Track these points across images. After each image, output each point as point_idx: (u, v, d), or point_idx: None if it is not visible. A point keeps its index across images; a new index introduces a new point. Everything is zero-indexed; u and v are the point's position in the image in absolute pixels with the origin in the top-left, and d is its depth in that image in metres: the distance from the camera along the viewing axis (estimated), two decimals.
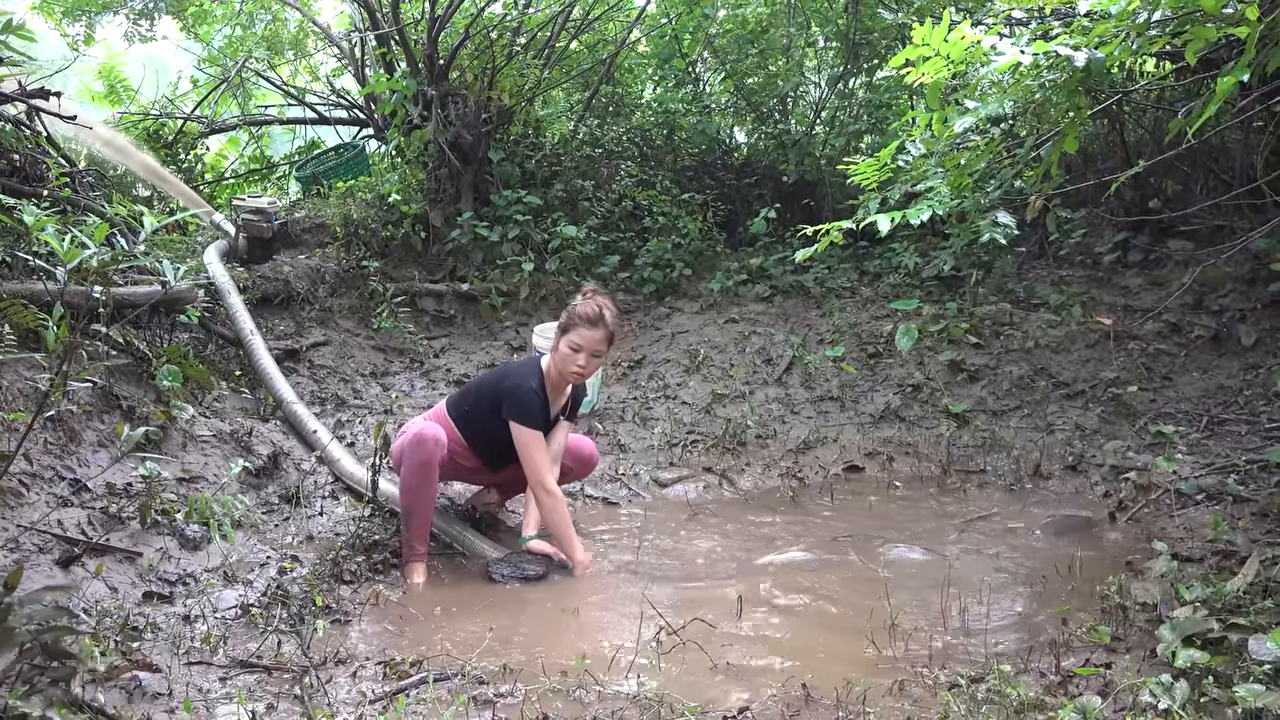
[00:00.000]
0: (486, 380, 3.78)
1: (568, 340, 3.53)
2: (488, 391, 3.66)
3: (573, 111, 7.68)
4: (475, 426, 3.66)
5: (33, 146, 4.95)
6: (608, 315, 3.53)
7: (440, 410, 3.78)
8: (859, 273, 6.31)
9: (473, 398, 3.72)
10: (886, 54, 6.80)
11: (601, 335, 3.52)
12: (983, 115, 3.33)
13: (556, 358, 3.57)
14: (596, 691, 2.62)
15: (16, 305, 3.34)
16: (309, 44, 8.53)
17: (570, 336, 3.53)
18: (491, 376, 3.79)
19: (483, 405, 3.64)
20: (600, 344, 3.53)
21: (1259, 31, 2.50)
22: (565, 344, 3.54)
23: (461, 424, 3.69)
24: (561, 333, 3.57)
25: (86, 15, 7.84)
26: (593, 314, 3.51)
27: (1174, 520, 3.66)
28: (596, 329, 3.51)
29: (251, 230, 5.55)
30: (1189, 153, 4.80)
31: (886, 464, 4.61)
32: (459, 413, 3.71)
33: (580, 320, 3.52)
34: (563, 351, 3.54)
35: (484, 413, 3.62)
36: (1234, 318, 5.02)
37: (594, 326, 3.50)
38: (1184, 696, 2.34)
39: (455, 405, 3.76)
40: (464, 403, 3.74)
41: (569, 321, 3.55)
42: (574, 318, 3.53)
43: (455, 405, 3.76)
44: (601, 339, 3.52)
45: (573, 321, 3.53)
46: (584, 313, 3.52)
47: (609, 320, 3.53)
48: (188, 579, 3.16)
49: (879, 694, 2.59)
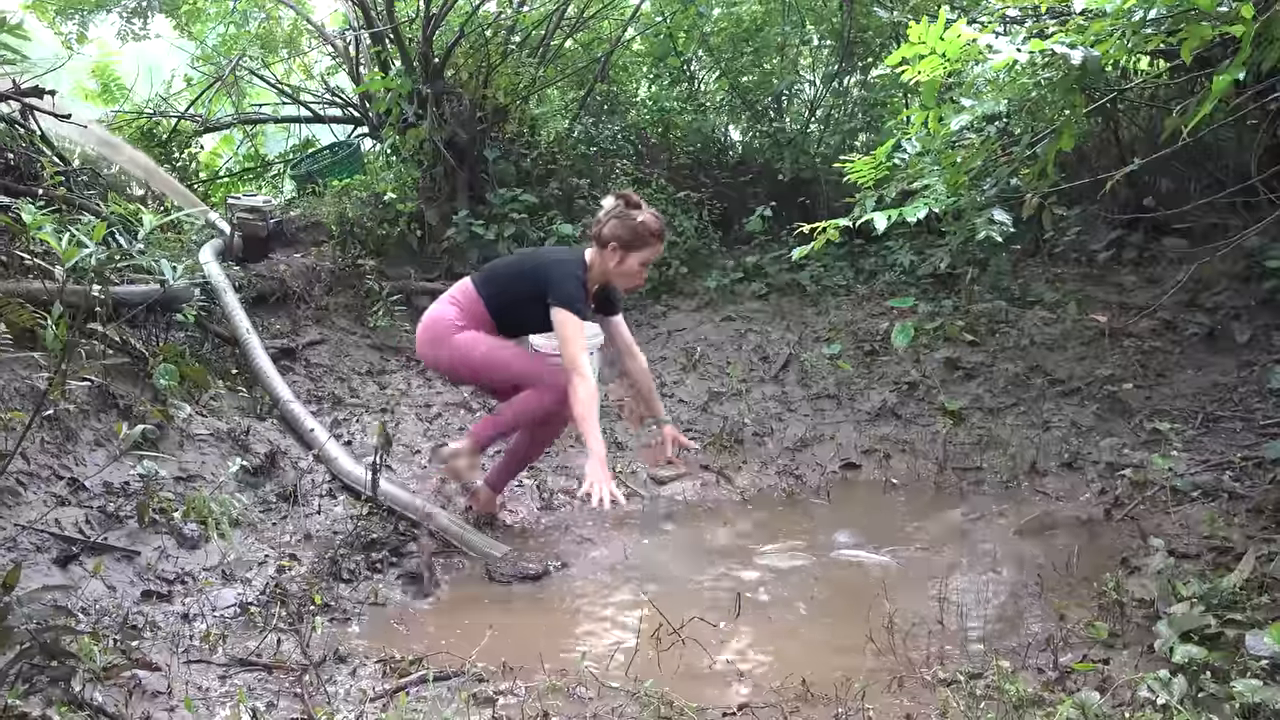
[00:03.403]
0: (526, 263, 3.82)
1: (639, 257, 3.61)
2: (529, 273, 3.69)
3: (568, 110, 7.67)
4: (507, 304, 3.71)
5: (27, 145, 4.94)
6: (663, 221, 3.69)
7: (469, 289, 3.77)
8: (855, 271, 6.31)
9: (510, 278, 3.75)
10: (881, 52, 6.81)
11: (662, 245, 3.68)
12: (979, 113, 3.33)
13: (619, 271, 3.63)
14: (596, 689, 2.62)
15: (13, 304, 3.33)
16: (303, 42, 8.49)
17: (642, 254, 3.61)
18: (532, 260, 3.83)
19: (522, 284, 3.68)
20: (658, 254, 3.70)
21: (1254, 30, 2.51)
22: (636, 260, 3.61)
23: (492, 303, 3.72)
24: (625, 249, 3.59)
25: (80, 14, 7.80)
26: (660, 226, 3.63)
27: (1170, 517, 3.67)
28: (662, 241, 3.66)
29: (247, 229, 5.54)
30: (1184, 151, 4.80)
31: (883, 461, 4.62)
32: (490, 291, 3.73)
33: (652, 236, 3.60)
34: (631, 268, 3.62)
35: (523, 293, 3.66)
36: (1228, 315, 5.04)
37: (662, 239, 3.64)
38: (1182, 692, 2.36)
39: (487, 284, 3.77)
40: (498, 282, 3.76)
41: (637, 238, 3.58)
42: (645, 234, 3.59)
43: (487, 284, 3.77)
44: (660, 250, 3.69)
45: (643, 238, 3.58)
46: (654, 228, 3.60)
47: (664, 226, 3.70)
48: (186, 577, 3.15)
49: (878, 690, 2.60)
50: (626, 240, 3.59)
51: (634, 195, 3.66)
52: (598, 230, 3.66)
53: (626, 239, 3.58)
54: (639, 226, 3.57)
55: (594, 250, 3.69)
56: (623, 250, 3.60)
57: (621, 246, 3.60)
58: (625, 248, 3.59)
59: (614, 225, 3.60)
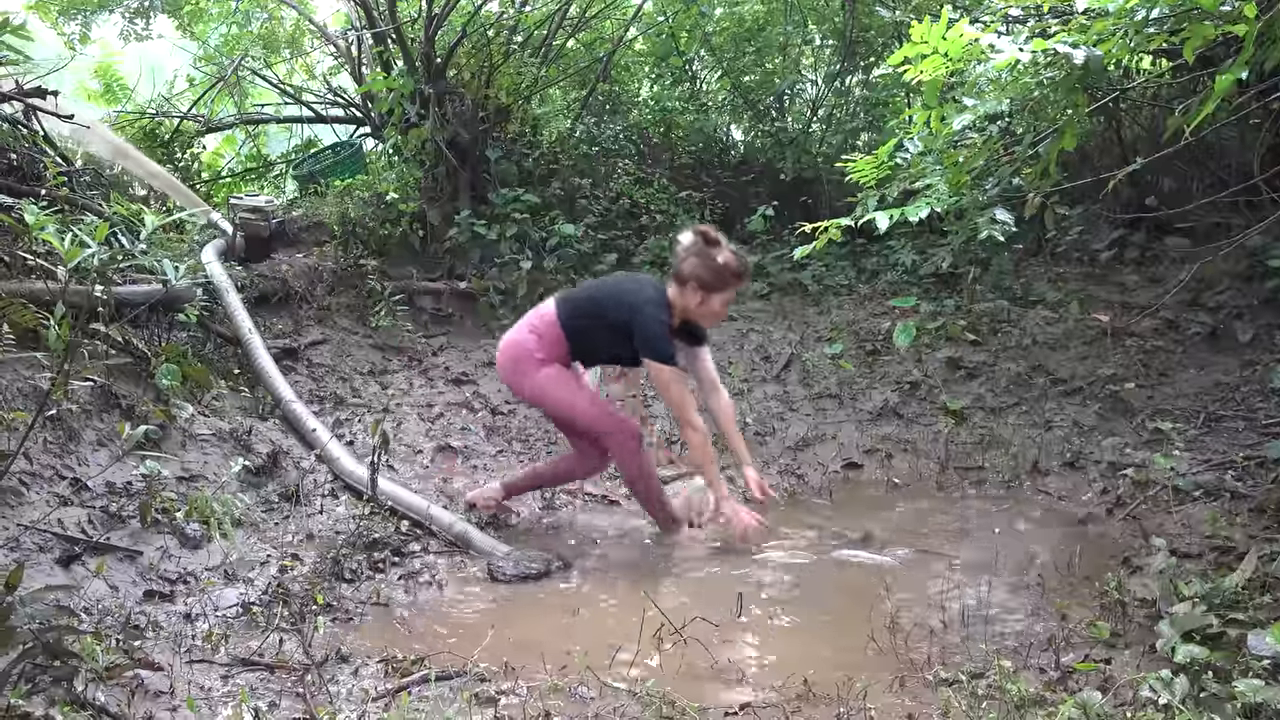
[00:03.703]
0: (611, 294, 3.76)
1: (722, 298, 3.57)
2: (613, 305, 3.67)
3: (570, 110, 7.68)
4: (584, 329, 3.71)
5: (30, 146, 4.94)
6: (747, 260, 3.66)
7: (548, 313, 3.76)
8: (857, 270, 6.31)
9: (592, 305, 3.74)
10: (883, 51, 6.81)
11: (745, 283, 3.72)
12: (981, 113, 3.34)
13: (701, 311, 3.60)
14: (598, 689, 2.62)
15: (16, 305, 3.33)
16: (305, 42, 8.51)
17: (724, 294, 3.57)
18: (618, 293, 3.73)
19: (604, 314, 3.68)
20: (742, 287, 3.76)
21: (1257, 29, 2.50)
22: (720, 301, 3.57)
23: (569, 326, 3.71)
24: (707, 290, 3.54)
25: (82, 14, 7.81)
26: (742, 266, 3.59)
27: (1172, 516, 3.67)
28: (745, 280, 3.66)
29: (249, 229, 5.55)
30: (1186, 150, 4.80)
31: (885, 461, 4.62)
32: (569, 314, 3.73)
33: (734, 278, 3.57)
34: (713, 308, 3.58)
35: (602, 323, 3.67)
36: (1231, 314, 5.03)
37: (744, 279, 3.63)
38: (1183, 692, 2.35)
39: (567, 307, 3.76)
40: (579, 308, 3.75)
41: (718, 279, 3.53)
42: (726, 275, 3.54)
43: (567, 307, 3.76)
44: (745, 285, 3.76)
45: (725, 279, 3.54)
46: (736, 269, 3.56)
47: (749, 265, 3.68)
48: (188, 577, 3.16)
49: (879, 690, 2.60)
50: (708, 281, 3.52)
51: (712, 231, 3.57)
52: (677, 267, 3.60)
53: (708, 280, 3.52)
54: (721, 269, 3.51)
55: (675, 288, 3.61)
56: (704, 291, 3.54)
57: (702, 287, 3.53)
58: (707, 288, 3.53)
59: (694, 264, 3.53)
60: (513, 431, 4.83)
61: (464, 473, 4.43)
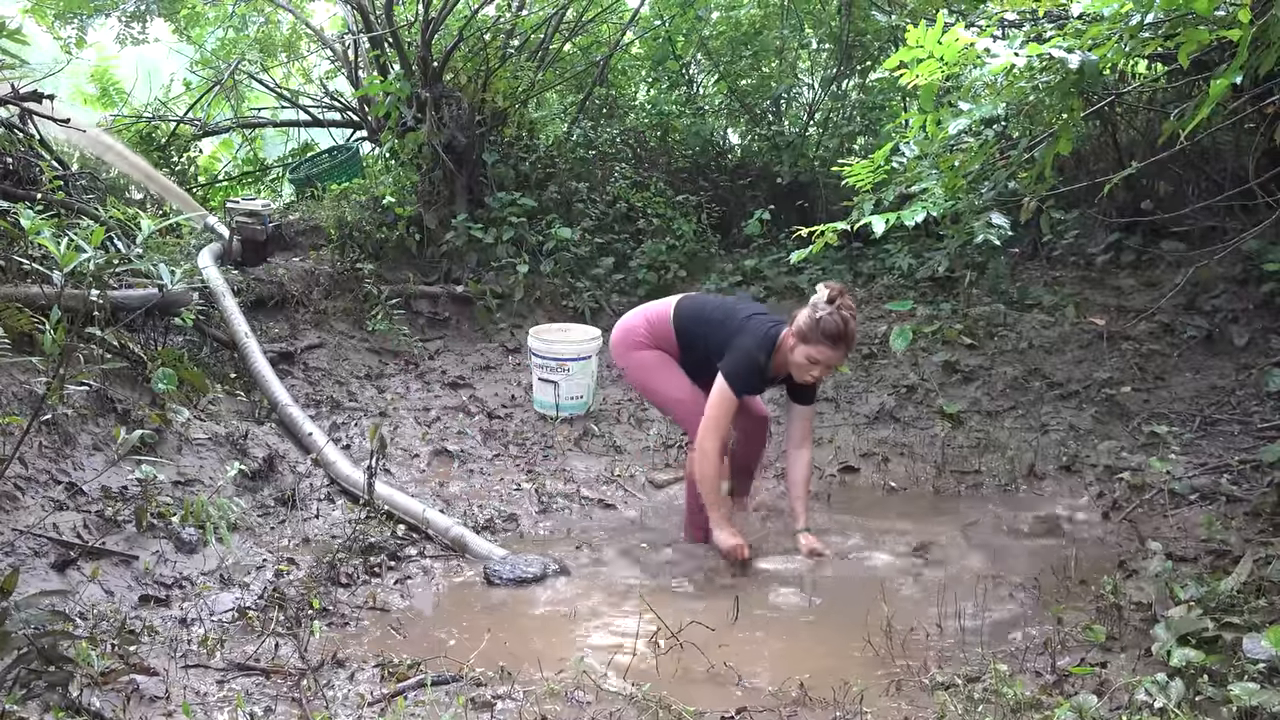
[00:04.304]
0: (728, 317, 3.64)
1: (806, 351, 3.37)
2: (722, 330, 3.59)
3: (567, 114, 7.68)
4: (692, 342, 3.67)
5: (26, 150, 4.94)
6: (851, 331, 3.34)
7: (666, 313, 3.74)
8: (853, 274, 6.32)
9: (705, 323, 3.67)
10: (879, 56, 6.82)
11: (842, 354, 3.39)
12: (976, 117, 3.34)
13: (790, 359, 3.44)
14: (595, 693, 2.62)
15: (11, 309, 3.33)
16: (302, 46, 8.50)
17: (809, 349, 3.36)
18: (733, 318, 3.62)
19: (710, 335, 3.61)
20: (838, 360, 3.41)
21: (1251, 34, 2.51)
22: (803, 354, 3.38)
23: (683, 334, 3.69)
24: (800, 339, 3.38)
25: (79, 18, 7.80)
26: (837, 330, 3.31)
27: (1168, 520, 3.68)
28: (838, 348, 3.36)
29: (245, 233, 5.55)
30: (1181, 154, 4.81)
31: (882, 465, 4.62)
32: (684, 323, 3.69)
33: (823, 337, 3.33)
34: (798, 361, 3.40)
35: (707, 343, 3.62)
36: (1226, 318, 5.04)
37: (836, 345, 3.34)
38: (1179, 695, 2.36)
39: (686, 314, 3.72)
40: (694, 320, 3.69)
41: (810, 332, 3.35)
42: (817, 331, 3.34)
43: (686, 314, 3.72)
44: (840, 357, 3.40)
45: (815, 335, 3.34)
46: (828, 329, 3.31)
47: (851, 337, 3.36)
48: (184, 582, 3.16)
49: (875, 694, 2.60)
50: (803, 331, 3.39)
51: (839, 290, 3.40)
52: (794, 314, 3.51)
53: (803, 330, 3.38)
54: (817, 322, 3.34)
55: (788, 331, 3.52)
56: (797, 339, 3.42)
57: (796, 335, 3.42)
58: (800, 337, 3.40)
59: (803, 313, 3.42)
60: (509, 435, 4.82)
61: (460, 476, 4.42)
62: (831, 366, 3.45)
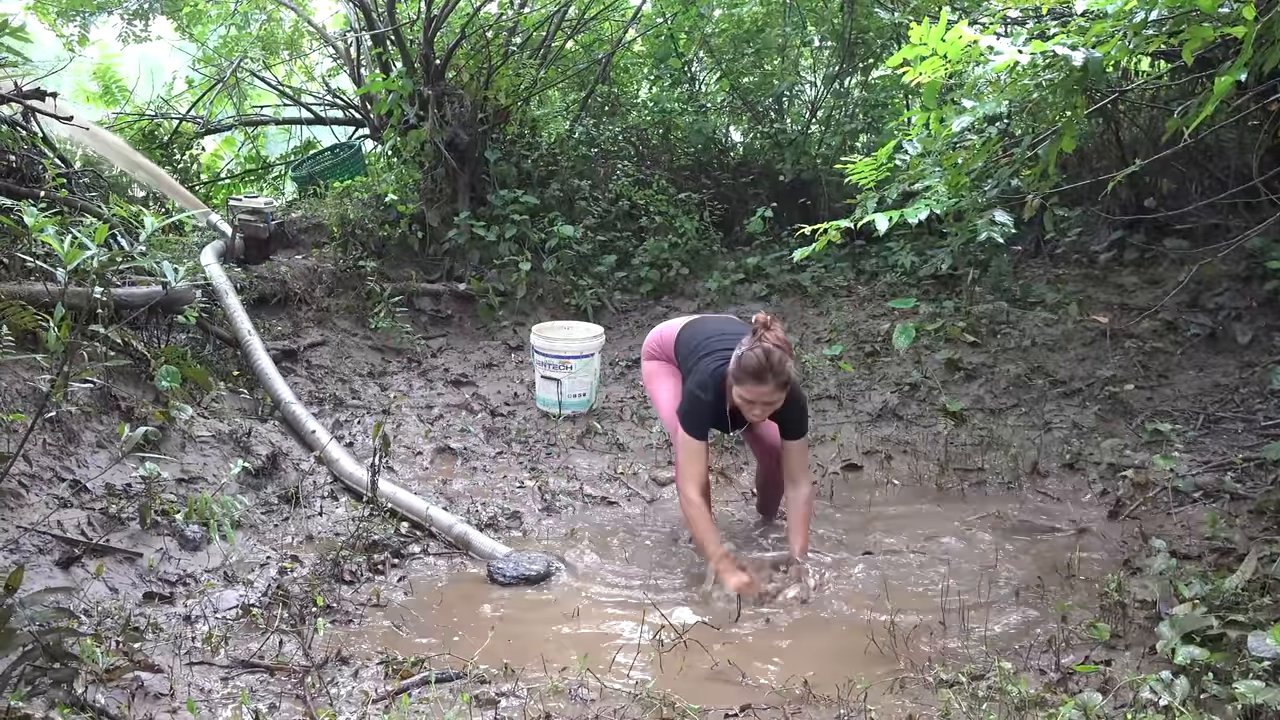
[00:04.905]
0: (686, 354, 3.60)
1: (738, 392, 3.21)
2: (684, 365, 3.62)
3: (569, 111, 7.68)
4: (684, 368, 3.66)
5: (29, 147, 4.95)
6: (774, 363, 3.13)
7: (673, 331, 3.78)
8: (856, 272, 6.32)
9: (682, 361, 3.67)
10: (882, 53, 6.81)
11: (769, 388, 3.15)
12: (980, 114, 3.34)
13: (733, 400, 3.29)
14: (598, 690, 2.62)
15: (15, 307, 3.33)
16: (304, 44, 8.50)
17: (739, 389, 3.20)
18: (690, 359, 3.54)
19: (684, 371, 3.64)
20: (771, 395, 3.17)
21: (1255, 31, 2.51)
22: (737, 395, 3.23)
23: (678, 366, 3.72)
24: (734, 380, 3.22)
25: (81, 15, 7.81)
26: (758, 365, 3.14)
27: (1172, 518, 3.67)
28: (764, 383, 3.14)
29: (248, 231, 5.55)
30: (1185, 152, 4.81)
31: (885, 462, 4.62)
32: (679, 362, 3.71)
33: (745, 374, 3.17)
34: (737, 402, 3.26)
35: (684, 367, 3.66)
36: (1230, 316, 5.04)
37: (760, 381, 3.14)
38: (1184, 693, 2.36)
39: (679, 351, 3.71)
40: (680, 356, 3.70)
41: (735, 371, 3.20)
42: (739, 369, 3.18)
43: (679, 351, 3.71)
44: (770, 391, 3.16)
45: (739, 374, 3.18)
46: (748, 366, 3.16)
47: (775, 369, 3.13)
48: (188, 579, 3.16)
49: (879, 691, 2.60)
50: (732, 372, 3.24)
51: (764, 322, 3.25)
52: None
53: (732, 370, 3.23)
54: (739, 360, 3.19)
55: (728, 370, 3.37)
56: (732, 380, 3.26)
57: (730, 376, 3.26)
58: (733, 378, 3.24)
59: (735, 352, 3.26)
60: (512, 433, 4.83)
61: (463, 474, 4.42)
62: (771, 404, 3.22)
